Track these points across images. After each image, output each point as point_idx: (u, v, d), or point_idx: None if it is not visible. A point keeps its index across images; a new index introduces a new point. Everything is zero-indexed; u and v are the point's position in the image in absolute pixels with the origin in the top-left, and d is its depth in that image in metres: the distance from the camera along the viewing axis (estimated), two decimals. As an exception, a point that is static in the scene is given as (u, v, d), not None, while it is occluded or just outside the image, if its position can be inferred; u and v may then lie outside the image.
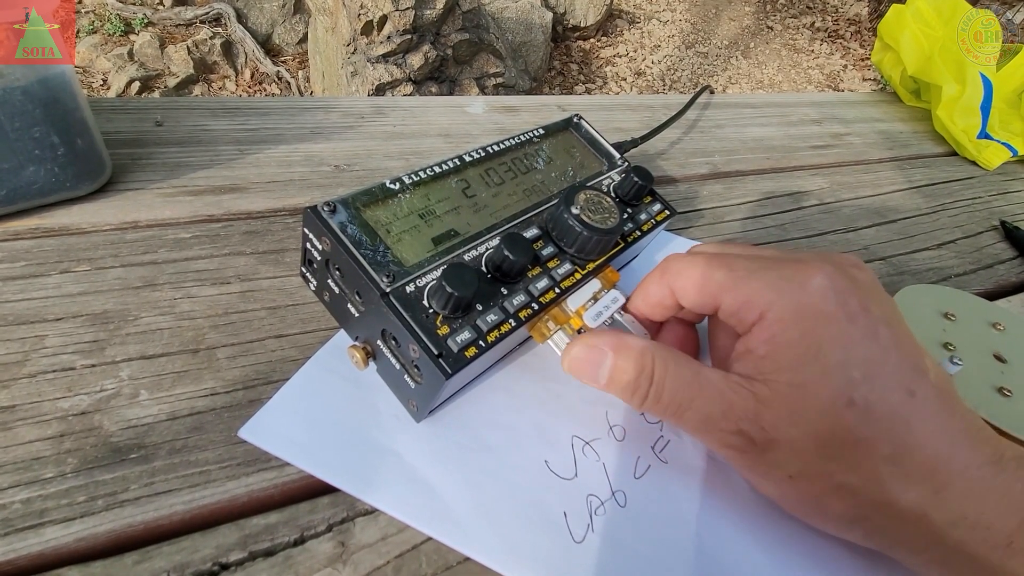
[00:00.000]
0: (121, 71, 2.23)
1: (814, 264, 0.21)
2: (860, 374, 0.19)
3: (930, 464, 0.18)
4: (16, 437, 0.21)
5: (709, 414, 0.20)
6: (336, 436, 0.22)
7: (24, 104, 0.26)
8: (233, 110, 0.39)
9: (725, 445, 0.20)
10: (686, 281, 0.23)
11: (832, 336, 0.19)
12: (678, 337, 0.26)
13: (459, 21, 2.09)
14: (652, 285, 0.24)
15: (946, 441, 0.18)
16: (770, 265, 0.21)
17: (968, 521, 0.18)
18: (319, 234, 0.22)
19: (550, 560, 0.20)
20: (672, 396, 0.20)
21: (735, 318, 0.21)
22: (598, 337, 0.22)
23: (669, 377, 0.21)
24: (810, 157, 0.52)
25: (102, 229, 0.29)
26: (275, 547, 0.20)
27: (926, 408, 0.18)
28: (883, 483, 0.18)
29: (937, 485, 0.18)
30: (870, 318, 0.19)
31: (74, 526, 0.19)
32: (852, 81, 3.22)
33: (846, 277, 0.20)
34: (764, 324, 0.20)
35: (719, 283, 0.22)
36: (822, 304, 0.19)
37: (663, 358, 0.21)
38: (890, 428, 0.18)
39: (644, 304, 0.25)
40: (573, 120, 0.34)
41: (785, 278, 0.20)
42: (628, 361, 0.21)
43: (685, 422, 0.21)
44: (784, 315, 0.20)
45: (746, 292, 0.21)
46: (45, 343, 0.23)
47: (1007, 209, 0.51)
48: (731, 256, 0.23)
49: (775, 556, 0.22)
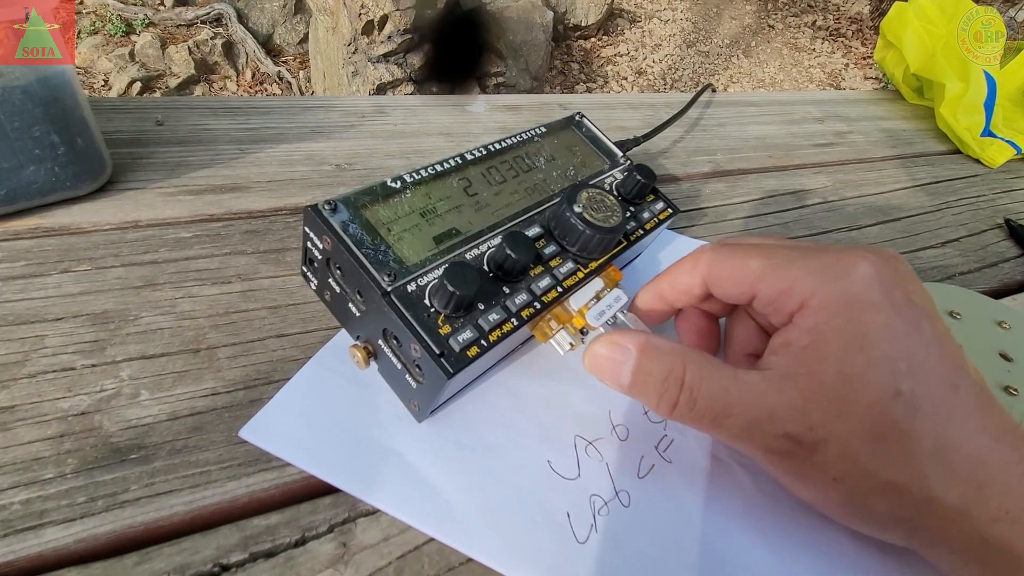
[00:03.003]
0: (122, 72, 2.24)
1: (857, 252, 0.20)
2: (905, 366, 0.18)
3: (972, 460, 0.18)
4: (16, 437, 0.21)
5: (753, 420, 0.19)
6: (337, 436, 0.22)
7: (24, 103, 0.26)
8: (234, 109, 0.39)
9: (770, 451, 0.19)
10: (721, 269, 0.22)
11: (877, 327, 0.18)
12: (699, 329, 0.26)
13: (460, 21, 2.09)
14: (682, 273, 0.23)
15: (987, 437, 0.18)
16: (810, 254, 0.21)
17: (1010, 517, 0.17)
18: (320, 233, 0.22)
19: (553, 561, 0.20)
20: (709, 404, 0.19)
21: (772, 307, 0.21)
22: (623, 334, 0.21)
23: (705, 383, 0.19)
24: (813, 155, 0.52)
25: (102, 229, 0.29)
26: (276, 548, 0.19)
27: (968, 404, 0.18)
28: (927, 480, 0.18)
29: (980, 481, 0.17)
30: (914, 310, 0.19)
31: (74, 527, 0.19)
32: (854, 80, 3.21)
33: (890, 267, 0.20)
34: (807, 312, 0.19)
35: (756, 271, 0.21)
36: (867, 293, 0.19)
37: (696, 362, 0.20)
38: (934, 422, 0.18)
39: (670, 289, 0.24)
40: (575, 118, 0.34)
41: (828, 266, 0.20)
42: (655, 362, 0.20)
43: (724, 431, 0.19)
44: (828, 303, 0.19)
45: (786, 279, 0.20)
46: (45, 343, 0.23)
47: (1011, 207, 0.50)
48: (767, 245, 0.22)
49: (780, 555, 0.22)
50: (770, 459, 0.20)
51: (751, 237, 0.25)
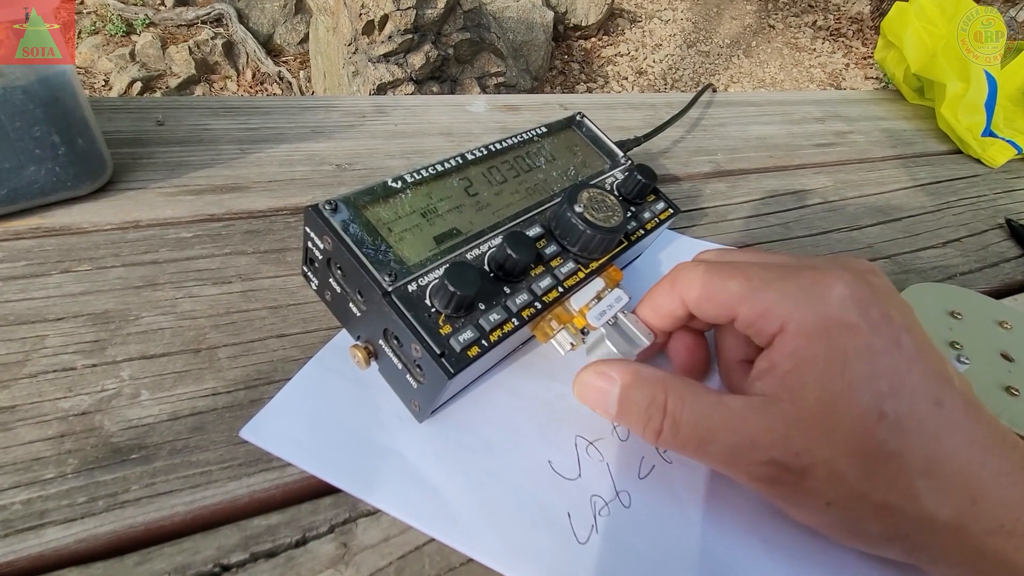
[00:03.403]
0: (123, 71, 2.24)
1: (832, 272, 0.20)
2: (887, 386, 0.18)
3: (963, 474, 0.18)
4: (16, 437, 0.21)
5: (736, 446, 0.19)
6: (338, 436, 0.22)
7: (25, 103, 0.26)
8: (234, 109, 0.39)
9: (756, 478, 0.19)
10: (699, 292, 0.22)
11: (856, 348, 0.18)
12: (687, 347, 0.26)
13: (460, 20, 2.09)
14: (662, 296, 0.24)
15: (977, 450, 0.18)
16: (787, 274, 0.21)
17: (1005, 529, 0.17)
18: (321, 233, 0.22)
19: (554, 561, 0.20)
20: (692, 430, 0.19)
21: (753, 328, 0.21)
22: (609, 364, 0.21)
23: (686, 409, 0.19)
24: (813, 155, 0.52)
25: (103, 229, 0.29)
26: (277, 548, 0.19)
27: (954, 417, 0.18)
28: (919, 498, 0.18)
29: (973, 495, 0.17)
30: (892, 327, 0.19)
31: (75, 527, 0.19)
32: (854, 80, 3.21)
33: (865, 285, 0.20)
34: (786, 337, 0.20)
35: (734, 294, 0.21)
36: (844, 315, 0.19)
37: (677, 388, 0.20)
38: (921, 441, 0.18)
39: (654, 315, 0.24)
40: (576, 118, 0.34)
41: (804, 288, 0.20)
42: (638, 390, 0.20)
43: (709, 457, 0.20)
44: (805, 327, 0.19)
45: (764, 303, 0.20)
46: (46, 343, 0.23)
47: (1012, 207, 0.50)
48: (744, 264, 0.22)
49: (780, 557, 0.22)
50: (758, 486, 0.20)
51: (731, 251, 0.26)
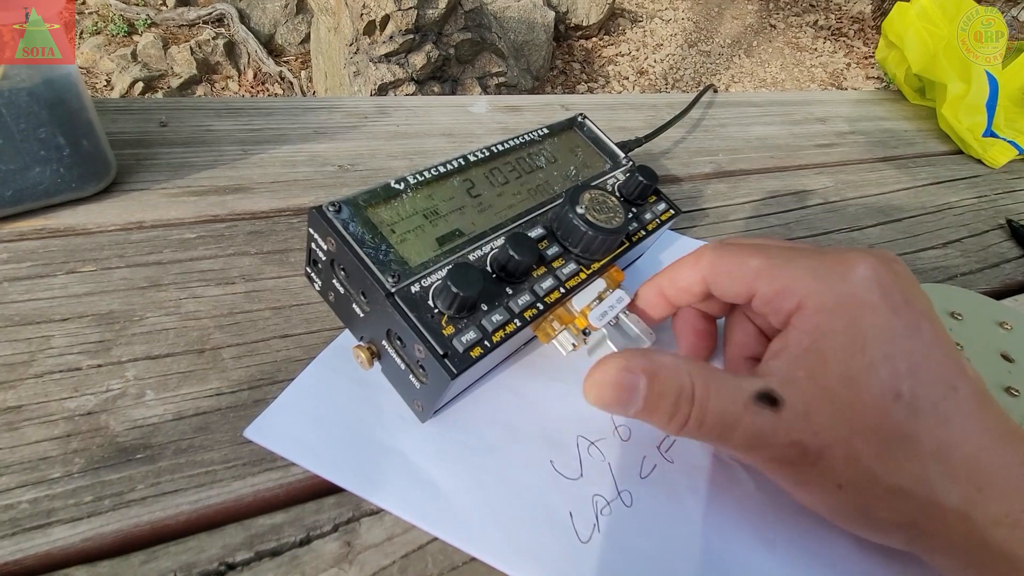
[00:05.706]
0: (125, 72, 2.24)
1: (856, 254, 0.20)
2: (905, 367, 0.18)
3: (971, 461, 0.18)
4: (23, 437, 0.21)
5: (759, 431, 0.18)
6: (341, 436, 0.22)
7: (30, 105, 0.26)
8: (237, 110, 0.39)
9: (776, 460, 0.19)
10: (721, 267, 0.22)
11: (877, 327, 0.18)
12: (696, 330, 0.26)
13: (461, 20, 2.09)
14: (684, 270, 0.23)
15: (987, 438, 0.18)
16: (809, 254, 0.21)
17: (1010, 520, 0.17)
18: (324, 234, 0.22)
19: (556, 560, 0.20)
20: (717, 418, 0.19)
21: (770, 307, 0.21)
22: (627, 359, 0.20)
23: (712, 397, 0.19)
24: (814, 156, 0.52)
25: (107, 229, 0.29)
26: (281, 547, 0.20)
27: (967, 404, 0.18)
28: (930, 483, 0.18)
29: (979, 483, 0.17)
30: (913, 311, 0.19)
31: (81, 526, 0.19)
32: (856, 79, 3.20)
33: (888, 270, 0.20)
34: (805, 314, 0.19)
35: (755, 269, 0.21)
36: (866, 294, 0.19)
37: (702, 375, 0.19)
38: (934, 423, 0.18)
39: (671, 286, 0.24)
40: (577, 119, 0.34)
41: (827, 267, 0.20)
42: (665, 382, 0.19)
43: (730, 443, 0.19)
44: (826, 304, 0.19)
45: (785, 278, 0.20)
46: (51, 343, 0.23)
47: (1013, 208, 0.50)
48: (767, 245, 0.22)
49: (781, 555, 0.22)
50: (774, 467, 0.20)
51: (752, 238, 0.25)
